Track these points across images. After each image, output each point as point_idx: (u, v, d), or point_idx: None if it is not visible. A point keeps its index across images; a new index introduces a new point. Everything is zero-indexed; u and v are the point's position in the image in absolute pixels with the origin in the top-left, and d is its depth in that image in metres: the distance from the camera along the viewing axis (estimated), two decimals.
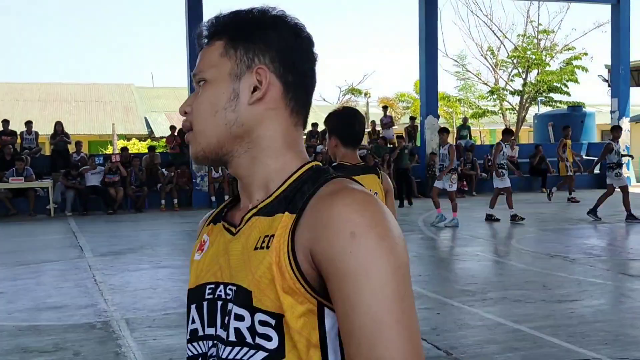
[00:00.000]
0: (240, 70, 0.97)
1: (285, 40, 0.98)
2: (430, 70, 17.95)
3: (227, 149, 0.98)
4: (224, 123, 0.97)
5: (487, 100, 29.70)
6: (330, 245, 0.83)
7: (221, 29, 1.00)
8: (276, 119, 0.97)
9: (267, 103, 0.97)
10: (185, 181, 15.92)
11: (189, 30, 15.88)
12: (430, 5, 17.81)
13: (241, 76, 0.97)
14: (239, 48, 0.98)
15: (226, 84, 0.97)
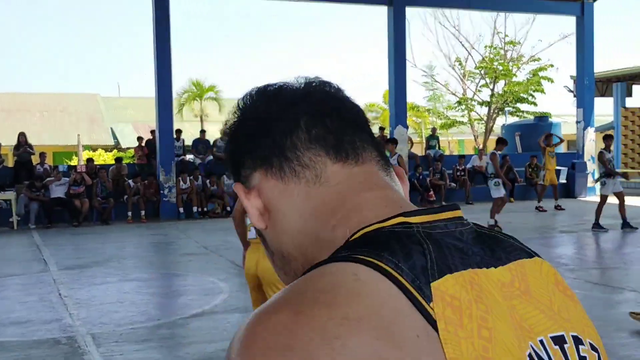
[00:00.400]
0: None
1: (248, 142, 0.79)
2: (399, 80, 18.04)
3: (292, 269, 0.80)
4: (286, 264, 0.80)
5: (456, 110, 30.01)
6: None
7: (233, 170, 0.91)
8: (291, 199, 0.75)
9: (271, 210, 0.76)
10: (152, 192, 15.68)
11: (157, 39, 15.72)
12: (399, 17, 17.92)
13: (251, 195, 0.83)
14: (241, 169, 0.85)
15: None
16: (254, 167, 0.76)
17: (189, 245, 10.96)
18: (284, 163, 0.74)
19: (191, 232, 12.68)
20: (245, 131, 0.79)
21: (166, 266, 9.32)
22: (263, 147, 0.76)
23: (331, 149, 0.74)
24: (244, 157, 0.78)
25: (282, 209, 0.74)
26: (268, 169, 0.75)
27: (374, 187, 0.74)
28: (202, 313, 6.20)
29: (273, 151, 0.75)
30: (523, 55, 28.82)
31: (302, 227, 0.73)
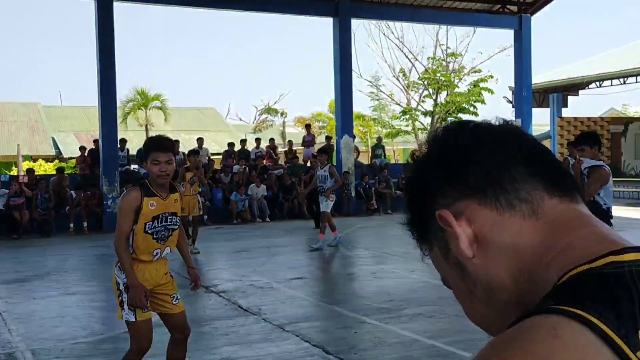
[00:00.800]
0: (443, 242, 0.79)
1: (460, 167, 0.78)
2: (345, 90, 18.26)
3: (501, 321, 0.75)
4: (480, 304, 0.77)
5: (400, 120, 30.50)
6: None
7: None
8: (503, 234, 0.74)
9: (483, 236, 0.74)
10: (95, 203, 15.38)
11: (100, 47, 15.48)
12: (344, 28, 18.16)
13: (448, 244, 0.78)
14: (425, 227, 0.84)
15: (448, 266, 0.81)
16: (461, 196, 0.74)
17: None
18: (500, 194, 0.72)
19: None
20: (451, 159, 0.77)
21: (110, 279, 9.15)
22: (477, 176, 0.74)
23: (549, 183, 0.73)
24: (445, 184, 0.76)
25: (496, 240, 0.72)
26: (482, 198, 0.73)
27: (586, 224, 0.71)
28: None
29: (488, 181, 0.73)
30: (464, 67, 29.58)
31: (516, 261, 0.71)
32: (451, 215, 0.73)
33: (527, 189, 0.72)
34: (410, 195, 0.81)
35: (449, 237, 0.74)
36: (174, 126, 32.35)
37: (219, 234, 14.02)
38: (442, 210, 0.74)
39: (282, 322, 6.13)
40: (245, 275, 8.72)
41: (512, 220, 0.72)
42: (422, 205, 0.78)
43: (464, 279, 0.75)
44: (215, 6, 17.67)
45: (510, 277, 0.72)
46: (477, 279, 0.74)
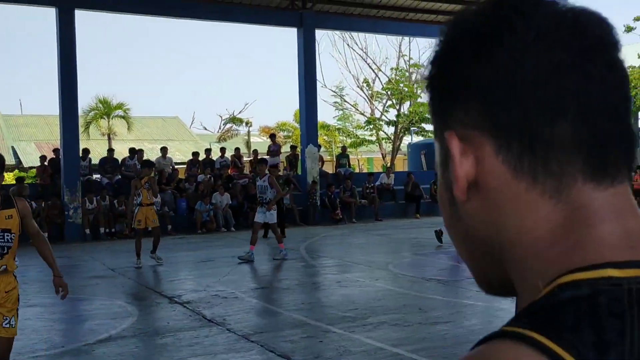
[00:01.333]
0: (444, 149, 0.62)
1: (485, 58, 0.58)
2: (309, 100, 18.34)
3: (490, 277, 0.63)
4: (460, 242, 0.64)
5: (365, 129, 30.74)
6: None
7: (426, 86, 0.65)
8: (510, 204, 0.58)
9: (488, 190, 0.58)
10: (56, 214, 15.12)
11: (61, 55, 15.27)
12: (309, 38, 18.27)
13: (447, 160, 0.61)
14: (437, 113, 0.63)
15: (441, 178, 0.64)
16: (481, 127, 0.58)
17: (96, 268, 10.66)
18: (526, 155, 0.56)
19: (98, 254, 12.33)
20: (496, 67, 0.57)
21: (71, 290, 8.94)
22: (512, 118, 0.56)
23: (593, 159, 0.56)
24: (471, 97, 0.59)
25: (499, 204, 0.58)
26: (503, 147, 0.57)
27: (619, 216, 0.56)
28: (109, 338, 6.07)
29: (521, 131, 0.56)
30: None
31: (512, 236, 0.57)
32: (457, 142, 0.59)
33: (561, 161, 0.56)
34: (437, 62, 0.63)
35: (450, 164, 0.60)
36: (137, 135, 32.01)
37: (183, 244, 13.90)
38: (452, 135, 0.59)
39: (246, 332, 6.12)
40: (210, 286, 8.67)
41: (527, 193, 0.56)
42: (440, 113, 0.62)
43: (451, 204, 0.62)
44: (179, 15, 17.60)
45: (496, 246, 0.59)
46: (462, 217, 0.61)
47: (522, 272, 0.57)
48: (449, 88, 0.61)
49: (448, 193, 0.62)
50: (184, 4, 16.88)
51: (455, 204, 0.61)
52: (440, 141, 0.62)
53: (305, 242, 13.51)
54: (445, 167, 0.62)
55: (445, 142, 0.60)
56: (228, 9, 17.41)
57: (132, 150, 18.01)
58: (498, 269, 0.60)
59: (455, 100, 0.60)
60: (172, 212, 16.52)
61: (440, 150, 0.63)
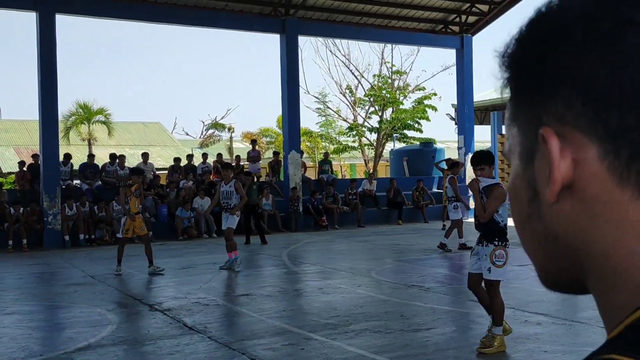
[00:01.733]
0: (531, 144, 0.57)
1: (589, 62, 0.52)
2: (292, 106, 18.35)
3: (566, 277, 0.58)
4: (535, 240, 0.59)
5: (347, 136, 30.81)
6: None
7: (507, 66, 0.59)
8: (609, 213, 0.53)
9: (585, 196, 0.53)
10: (35, 220, 14.94)
11: (41, 60, 15.13)
12: (291, 45, 18.29)
13: (533, 155, 0.57)
14: (522, 104, 0.58)
15: (520, 173, 0.59)
16: (587, 128, 0.52)
17: (75, 275, 10.55)
18: (635, 165, 0.50)
19: (77, 261, 12.20)
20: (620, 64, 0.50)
21: (50, 298, 8.92)
22: (625, 119, 0.50)
23: None
24: (576, 90, 0.52)
25: (598, 210, 0.53)
26: (610, 152, 0.51)
27: None
28: (88, 346, 6.00)
29: (632, 138, 0.50)
30: (409, 85, 30.16)
31: (608, 247, 0.53)
32: (558, 149, 0.53)
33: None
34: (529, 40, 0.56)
35: (539, 160, 0.55)
36: (118, 141, 31.79)
37: (164, 251, 13.81)
38: (550, 134, 0.53)
39: (228, 340, 6.08)
40: (191, 293, 8.62)
41: (630, 203, 0.52)
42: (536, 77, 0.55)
43: (531, 201, 0.58)
44: (161, 21, 17.53)
45: (579, 254, 0.55)
46: (545, 217, 0.57)
47: (610, 284, 0.53)
48: (551, 76, 0.54)
49: (530, 190, 0.57)
50: (166, 9, 16.82)
51: (538, 201, 0.57)
52: (525, 132, 0.57)
53: (287, 249, 13.48)
54: (529, 162, 0.57)
55: (534, 135, 0.55)
56: (211, 15, 17.38)
57: (113, 155, 17.88)
58: (572, 272, 0.57)
59: (556, 92, 0.53)
60: (153, 218, 16.40)
61: (522, 141, 0.58)
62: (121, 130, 33.43)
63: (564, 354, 5.33)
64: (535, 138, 0.55)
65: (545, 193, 0.55)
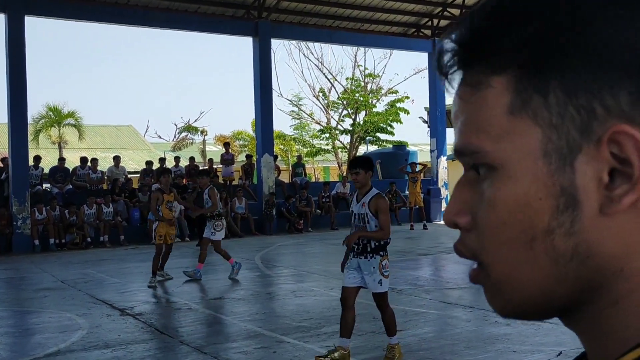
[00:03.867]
0: (568, 141, 0.45)
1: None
2: (265, 109, 18.34)
3: (566, 301, 0.49)
4: (552, 259, 0.47)
5: (320, 139, 30.87)
6: None
7: (495, 45, 0.46)
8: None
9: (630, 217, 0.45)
10: (4, 224, 14.70)
11: (10, 62, 14.91)
12: (264, 48, 18.28)
13: (573, 155, 0.45)
14: (554, 90, 0.45)
15: (540, 177, 0.46)
16: None
17: (45, 280, 10.41)
18: None
19: (47, 266, 12.04)
20: None
21: (18, 303, 8.79)
22: None
23: None
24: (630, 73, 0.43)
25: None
26: None
27: None
28: (58, 352, 5.93)
29: None
30: (382, 88, 30.36)
31: None
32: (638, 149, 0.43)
33: None
34: None
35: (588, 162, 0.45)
36: (89, 144, 31.44)
37: (136, 255, 13.70)
38: (632, 131, 0.43)
39: (200, 344, 6.07)
40: (163, 297, 8.56)
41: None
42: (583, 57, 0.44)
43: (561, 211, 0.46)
44: (132, 23, 17.39)
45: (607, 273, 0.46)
46: (581, 231, 0.46)
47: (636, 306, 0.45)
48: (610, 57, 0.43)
49: (561, 199, 0.45)
50: (137, 11, 16.69)
51: (575, 213, 0.45)
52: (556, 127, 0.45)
53: (260, 252, 13.47)
54: (563, 163, 0.45)
55: (576, 132, 0.44)
56: (183, 18, 17.30)
57: (84, 159, 17.68)
58: (576, 296, 0.47)
59: (615, 83, 0.43)
60: (125, 222, 16.26)
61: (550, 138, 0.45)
62: (92, 133, 33.06)
63: (533, 353, 5.42)
64: (581, 136, 0.44)
65: (592, 203, 0.44)
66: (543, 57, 0.44)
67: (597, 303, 0.47)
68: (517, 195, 0.47)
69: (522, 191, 0.46)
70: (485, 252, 0.50)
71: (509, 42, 0.45)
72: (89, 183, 17.08)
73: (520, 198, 0.46)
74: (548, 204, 0.46)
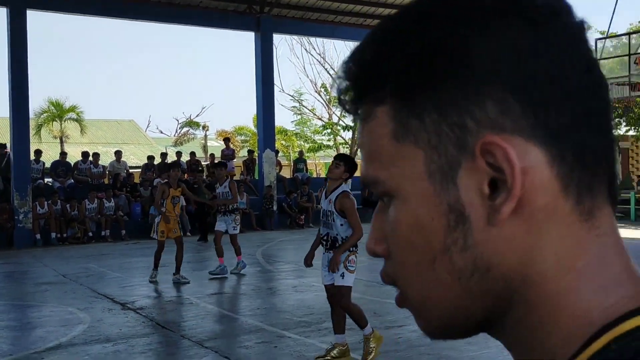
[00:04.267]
0: (447, 158, 0.46)
1: (520, 53, 0.45)
2: (267, 105, 18.32)
3: (483, 316, 0.49)
4: (454, 277, 0.48)
5: (322, 134, 30.86)
6: None
7: (375, 77, 0.49)
8: (553, 229, 0.46)
9: (532, 210, 0.45)
10: (5, 218, 14.71)
11: (12, 56, 14.90)
12: (266, 43, 18.25)
13: (454, 171, 0.46)
14: (428, 112, 0.46)
15: (428, 197, 0.47)
16: (521, 129, 0.45)
17: (46, 274, 10.42)
18: (577, 170, 0.45)
19: (48, 260, 12.05)
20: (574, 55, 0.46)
21: (20, 297, 8.80)
22: (561, 118, 0.45)
23: (611, 179, 0.47)
24: (516, 86, 0.45)
25: (544, 225, 0.46)
26: (557, 157, 0.45)
27: (624, 249, 0.47)
28: (59, 346, 5.94)
29: (571, 138, 0.45)
30: None
31: (550, 268, 0.46)
32: (515, 154, 0.44)
33: (599, 178, 0.47)
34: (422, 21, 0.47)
35: (468, 177, 0.46)
36: (90, 139, 31.44)
37: (137, 249, 13.71)
38: (498, 141, 0.44)
39: (201, 338, 6.07)
40: (164, 291, 8.57)
41: (571, 215, 0.46)
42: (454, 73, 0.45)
43: (452, 230, 0.47)
44: (134, 18, 17.37)
45: (512, 283, 0.46)
46: (476, 245, 0.46)
47: (547, 313, 0.45)
48: (479, 73, 0.45)
49: (451, 216, 0.46)
50: (138, 5, 16.65)
51: (464, 228, 0.46)
52: (435, 147, 0.46)
53: (261, 247, 13.47)
54: (447, 181, 0.46)
55: (454, 149, 0.45)
56: (185, 12, 17.27)
57: (85, 153, 17.68)
58: (490, 310, 0.48)
59: (482, 96, 0.45)
60: (126, 216, 16.26)
61: (431, 158, 0.46)
62: (94, 128, 33.07)
63: None
64: (458, 152, 0.45)
65: (480, 216, 0.45)
66: (412, 83, 0.46)
67: (513, 314, 0.47)
68: (412, 219, 0.48)
69: (415, 214, 0.48)
70: (398, 277, 0.51)
71: (384, 72, 0.48)
72: (90, 177, 17.09)
73: (415, 221, 0.48)
74: (440, 223, 0.47)
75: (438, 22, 0.46)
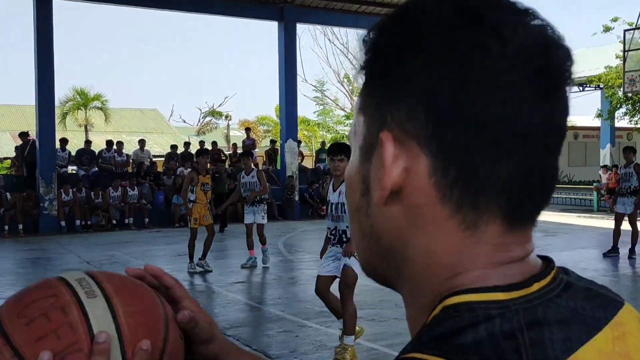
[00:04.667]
0: (371, 139, 0.56)
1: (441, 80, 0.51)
2: (289, 95, 18.31)
3: (384, 272, 0.59)
4: (362, 233, 0.58)
5: (344, 125, 30.80)
6: None
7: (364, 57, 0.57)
8: (426, 225, 0.54)
9: (410, 204, 0.54)
10: (31, 205, 14.93)
11: (38, 44, 15.06)
12: (289, 33, 18.22)
13: (371, 152, 0.56)
14: (375, 94, 0.56)
15: (357, 165, 0.58)
16: (419, 138, 0.52)
17: (71, 261, 10.56)
18: (457, 188, 0.52)
19: (73, 247, 12.21)
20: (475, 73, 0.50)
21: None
22: (458, 141, 0.51)
23: (512, 202, 0.53)
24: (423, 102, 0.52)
25: (418, 221, 0.54)
26: (439, 170, 0.52)
27: (518, 256, 0.54)
28: None
29: (460, 161, 0.51)
30: None
31: (418, 255, 0.54)
32: (392, 155, 0.53)
33: (488, 200, 0.53)
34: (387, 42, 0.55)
35: (376, 159, 0.55)
36: (114, 127, 31.73)
37: (160, 238, 13.83)
38: (388, 138, 0.53)
39: (223, 327, 6.10)
40: (186, 279, 8.63)
41: (447, 221, 0.53)
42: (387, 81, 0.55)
43: (362, 195, 0.57)
44: (158, 7, 17.44)
45: (395, 256, 0.56)
46: (371, 215, 0.57)
47: (415, 288, 0.56)
48: (401, 81, 0.53)
49: (363, 185, 0.57)
50: None
51: (368, 198, 0.56)
52: (369, 127, 0.56)
53: (283, 237, 13.51)
54: (367, 157, 0.56)
55: (376, 133, 0.54)
56: (209, 2, 17.29)
57: (110, 142, 17.85)
58: (387, 271, 0.58)
59: (403, 98, 0.53)
60: (150, 205, 16.41)
61: (365, 135, 0.57)
62: (118, 116, 33.36)
63: None
64: (377, 136, 0.54)
65: (374, 194, 0.55)
66: (373, 68, 0.56)
67: (400, 281, 0.57)
68: (349, 170, 0.59)
69: (350, 172, 0.59)
70: None
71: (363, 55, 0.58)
72: (114, 166, 17.26)
73: (349, 177, 0.59)
74: (358, 186, 0.58)
75: (400, 29, 0.54)
